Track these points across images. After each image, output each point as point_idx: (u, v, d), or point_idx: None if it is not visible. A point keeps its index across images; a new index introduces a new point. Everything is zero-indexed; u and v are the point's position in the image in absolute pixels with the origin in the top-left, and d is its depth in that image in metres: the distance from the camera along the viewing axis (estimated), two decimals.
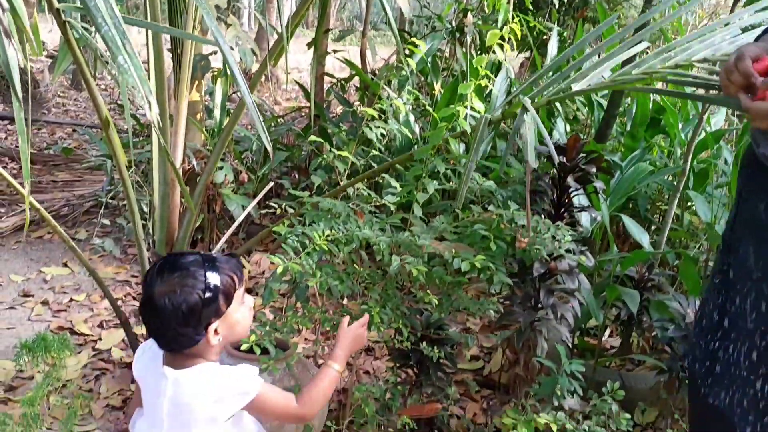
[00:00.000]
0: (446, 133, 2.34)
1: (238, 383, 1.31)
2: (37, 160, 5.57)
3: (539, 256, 2.13)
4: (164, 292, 1.27)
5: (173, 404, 1.32)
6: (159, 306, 1.27)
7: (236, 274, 1.34)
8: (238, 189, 4.00)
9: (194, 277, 1.27)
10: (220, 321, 1.31)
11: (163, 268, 1.30)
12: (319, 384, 1.37)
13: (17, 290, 3.64)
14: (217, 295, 1.29)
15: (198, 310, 1.27)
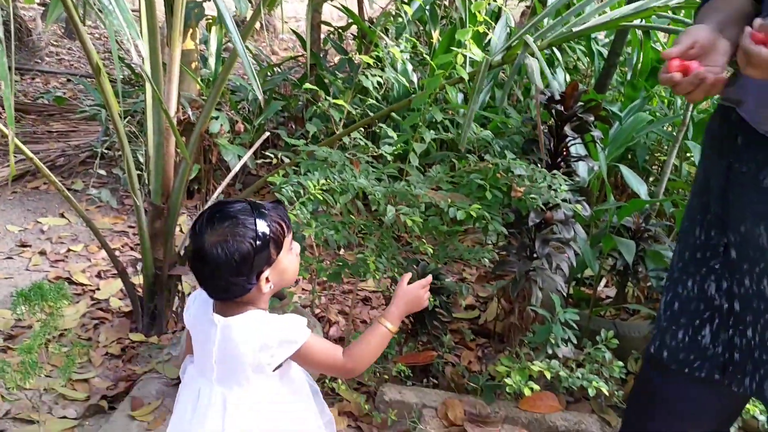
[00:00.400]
0: (443, 81, 2.30)
1: (285, 331, 1.31)
2: (31, 109, 5.52)
3: (535, 205, 2.12)
4: (215, 241, 1.26)
5: (222, 351, 1.33)
6: (211, 256, 1.26)
7: (284, 220, 1.33)
8: (234, 139, 3.97)
9: (245, 225, 1.26)
10: (271, 269, 1.31)
11: (212, 217, 1.29)
12: (369, 339, 1.35)
13: (14, 240, 3.64)
14: (268, 242, 1.28)
15: (250, 258, 1.26)
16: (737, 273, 1.22)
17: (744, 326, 1.22)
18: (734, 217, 1.22)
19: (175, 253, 2.74)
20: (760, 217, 1.15)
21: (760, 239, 1.16)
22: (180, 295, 2.85)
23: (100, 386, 2.45)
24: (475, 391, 2.29)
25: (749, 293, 1.20)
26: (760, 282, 1.18)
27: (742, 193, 1.19)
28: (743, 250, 1.21)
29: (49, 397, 2.35)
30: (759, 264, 1.18)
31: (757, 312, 1.19)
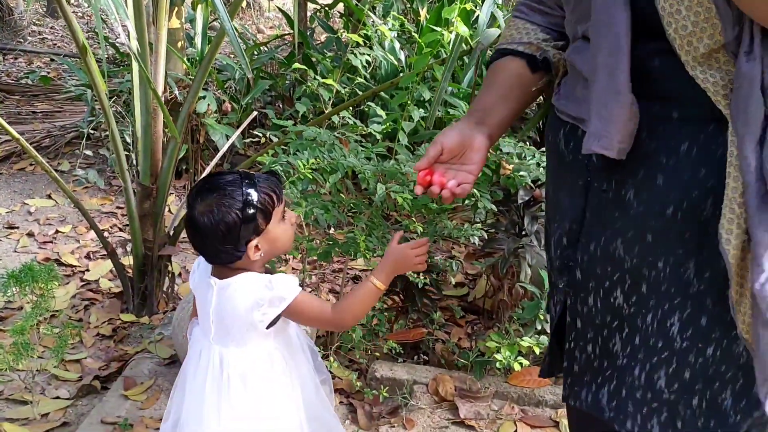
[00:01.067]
0: (431, 60, 2.30)
1: (276, 289, 1.34)
2: (14, 90, 5.46)
3: (524, 183, 2.14)
4: (203, 211, 1.32)
5: (216, 312, 1.39)
6: (199, 225, 1.32)
7: (274, 191, 1.36)
8: (221, 119, 3.95)
9: (231, 196, 1.31)
10: (260, 237, 1.35)
11: (202, 188, 1.35)
12: (356, 293, 1.38)
13: (1, 222, 3.62)
14: (255, 213, 1.32)
15: (236, 228, 1.31)
16: (582, 292, 1.18)
17: (584, 341, 1.18)
18: (586, 235, 1.16)
19: (164, 233, 2.74)
20: (617, 233, 1.10)
21: (616, 252, 1.11)
22: (170, 276, 2.85)
23: (93, 366, 2.46)
24: (465, 367, 2.32)
25: (592, 311, 1.16)
26: (611, 294, 1.13)
27: (602, 212, 1.13)
28: (590, 269, 1.15)
29: (42, 377, 2.36)
30: (611, 276, 1.12)
31: (600, 327, 1.16)
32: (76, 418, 2.19)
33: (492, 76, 1.31)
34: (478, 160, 1.22)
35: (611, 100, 1.05)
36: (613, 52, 1.03)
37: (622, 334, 1.14)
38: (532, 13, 1.29)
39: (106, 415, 2.12)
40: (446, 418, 2.17)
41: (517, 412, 2.19)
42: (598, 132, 1.08)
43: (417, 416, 2.17)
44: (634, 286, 1.10)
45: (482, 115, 1.26)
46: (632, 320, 1.12)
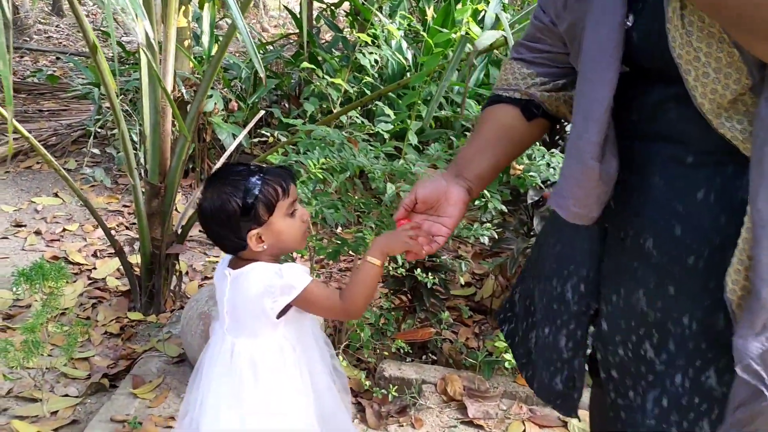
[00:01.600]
0: (441, 60, 2.30)
1: (287, 278, 1.36)
2: (21, 88, 5.47)
3: (534, 183, 2.14)
4: (208, 197, 1.37)
5: (231, 301, 1.42)
6: (203, 211, 1.38)
7: (281, 185, 1.37)
8: (228, 117, 3.96)
9: (234, 185, 1.35)
10: (263, 229, 1.37)
11: (213, 176, 1.40)
12: (357, 278, 1.38)
13: (9, 220, 3.63)
14: (254, 203, 1.34)
15: (236, 216, 1.35)
16: (610, 345, 1.12)
17: (624, 389, 1.13)
18: (607, 285, 1.12)
19: (172, 231, 2.75)
20: (639, 283, 1.06)
21: (638, 304, 1.06)
22: (177, 274, 2.86)
23: (101, 365, 2.46)
24: (473, 367, 2.32)
25: (625, 360, 1.11)
26: (640, 346, 1.08)
27: (620, 260, 1.09)
28: (615, 322, 1.11)
29: (51, 375, 2.36)
30: (637, 330, 1.07)
31: (637, 376, 1.10)
32: (86, 416, 2.19)
33: (479, 125, 1.29)
34: (453, 213, 1.20)
35: (574, 163, 1.02)
36: (588, 117, 1.00)
37: (656, 391, 1.08)
38: (532, 53, 1.24)
39: (115, 413, 2.13)
40: (455, 417, 2.17)
41: (525, 411, 2.19)
42: (559, 189, 1.06)
43: (425, 416, 2.17)
44: (663, 343, 1.05)
45: (461, 168, 1.24)
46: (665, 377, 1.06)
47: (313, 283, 1.38)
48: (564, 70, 1.22)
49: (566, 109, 1.25)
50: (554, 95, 1.23)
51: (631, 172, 1.04)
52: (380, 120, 3.15)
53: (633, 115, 1.04)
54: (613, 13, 0.98)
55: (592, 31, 1.00)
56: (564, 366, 1.25)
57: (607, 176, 1.01)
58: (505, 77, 1.27)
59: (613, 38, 0.98)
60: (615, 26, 0.98)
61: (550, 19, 1.17)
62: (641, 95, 1.03)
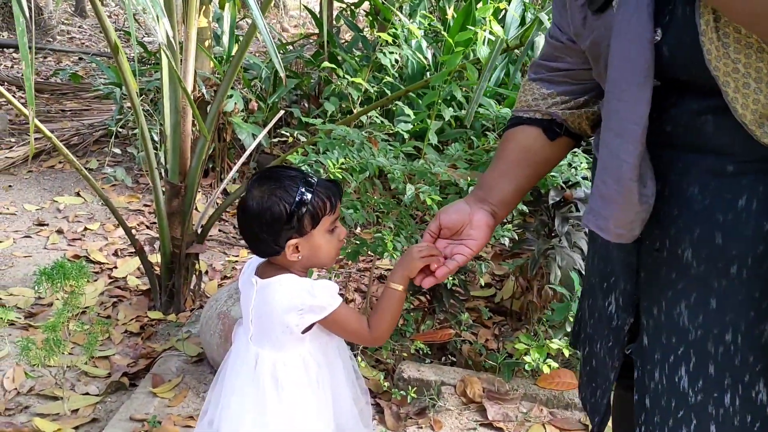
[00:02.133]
0: (462, 60, 2.29)
1: (318, 297, 1.33)
2: (44, 89, 5.52)
3: (555, 183, 2.12)
4: (256, 196, 1.33)
5: (256, 311, 1.39)
6: (248, 208, 1.34)
7: (330, 199, 1.34)
8: (248, 117, 3.96)
9: (286, 189, 1.32)
10: (303, 240, 1.34)
11: (263, 175, 1.37)
12: (383, 305, 1.36)
13: (31, 219, 3.67)
14: (303, 213, 1.32)
15: (281, 221, 1.31)
16: (648, 363, 1.09)
17: (653, 426, 1.09)
18: (647, 297, 1.09)
19: (192, 231, 2.75)
20: (681, 294, 1.03)
21: (680, 318, 1.03)
22: (197, 274, 2.87)
23: (121, 363, 2.47)
24: (493, 368, 2.30)
25: (658, 389, 1.07)
26: (675, 372, 1.04)
27: (657, 272, 1.06)
28: (656, 337, 1.08)
29: (72, 374, 2.38)
30: (676, 350, 1.04)
31: (666, 412, 1.06)
32: (105, 414, 2.20)
33: (500, 149, 1.28)
34: (478, 237, 1.20)
35: (612, 183, 0.99)
36: (623, 136, 0.97)
37: (689, 428, 1.04)
38: (550, 72, 1.22)
39: (134, 412, 2.13)
40: (474, 419, 2.15)
41: (546, 414, 2.17)
42: (597, 210, 1.04)
43: (444, 417, 2.15)
44: (700, 368, 1.02)
45: (485, 193, 1.24)
46: (700, 411, 1.02)
47: (343, 306, 1.36)
48: (585, 87, 1.20)
49: (588, 126, 1.24)
50: (576, 112, 1.21)
51: (665, 183, 1.02)
52: (400, 120, 3.14)
53: (667, 126, 1.01)
54: (640, 30, 0.95)
55: (619, 49, 0.97)
56: (603, 383, 1.23)
57: (646, 198, 0.99)
58: (524, 99, 1.25)
59: (644, 56, 0.95)
60: (644, 43, 0.94)
61: (567, 37, 1.15)
62: (674, 106, 1.00)
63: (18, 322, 2.69)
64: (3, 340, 2.56)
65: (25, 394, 2.27)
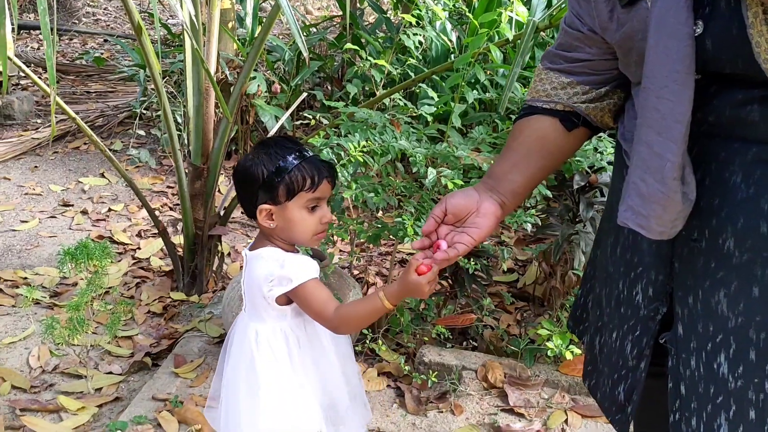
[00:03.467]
0: (486, 42, 2.25)
1: (288, 269, 1.34)
2: (69, 70, 5.56)
3: (580, 168, 2.08)
4: (247, 158, 1.39)
5: (246, 283, 1.43)
6: (237, 166, 1.41)
7: (313, 177, 1.35)
8: (270, 100, 3.96)
9: (271, 156, 1.35)
10: (277, 209, 1.36)
11: (264, 141, 1.43)
12: (361, 306, 1.35)
13: (57, 200, 3.71)
14: (278, 182, 1.33)
15: (255, 184, 1.35)
16: (684, 351, 1.07)
17: (689, 413, 1.07)
18: (681, 287, 1.07)
19: (215, 213, 2.76)
20: (720, 283, 1.01)
21: (718, 306, 1.01)
22: (219, 255, 2.88)
23: (144, 343, 2.50)
24: (514, 354, 2.29)
25: (695, 376, 1.05)
26: (714, 359, 1.02)
27: (695, 262, 1.04)
28: (692, 325, 1.06)
29: (96, 353, 2.41)
30: (714, 337, 1.02)
31: (704, 398, 1.04)
32: (128, 393, 2.23)
33: (511, 139, 1.24)
34: (482, 226, 1.17)
35: (653, 182, 0.97)
36: (664, 135, 0.94)
37: (728, 413, 1.02)
38: (569, 63, 1.18)
39: (157, 392, 2.15)
40: (495, 405, 2.15)
41: (567, 401, 2.15)
42: (636, 208, 1.00)
43: (465, 402, 2.15)
44: (740, 354, 1.00)
45: (495, 182, 1.21)
46: (740, 397, 1.01)
47: (313, 282, 1.35)
48: (605, 77, 1.16)
49: (610, 118, 1.21)
50: (598, 105, 1.18)
51: (705, 173, 1.00)
52: (423, 102, 3.11)
53: (709, 117, 0.98)
54: (679, 23, 0.91)
55: (657, 44, 0.94)
56: (628, 375, 1.20)
57: (687, 195, 0.96)
58: (541, 87, 1.21)
59: (685, 51, 0.91)
60: (685, 37, 0.91)
61: (588, 27, 1.11)
62: (716, 96, 0.97)
63: (43, 302, 2.72)
64: (29, 318, 2.60)
65: (50, 372, 2.30)
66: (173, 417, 2.04)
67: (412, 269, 1.25)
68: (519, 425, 2.06)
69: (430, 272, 1.22)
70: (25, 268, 2.97)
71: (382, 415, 2.11)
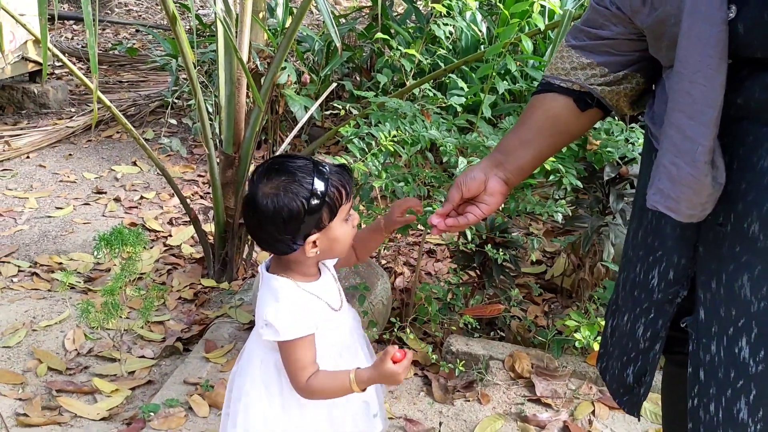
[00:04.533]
0: (517, 32, 2.25)
1: (278, 320, 1.25)
2: (102, 60, 5.64)
3: (611, 159, 2.07)
4: (268, 193, 1.21)
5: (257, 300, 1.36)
6: (260, 207, 1.21)
7: (345, 187, 1.26)
8: (300, 90, 3.98)
9: (301, 183, 1.20)
10: (321, 234, 1.25)
11: (271, 168, 1.24)
12: (331, 383, 1.28)
13: (90, 187, 3.77)
14: (321, 206, 1.22)
15: (299, 218, 1.21)
16: (704, 336, 1.07)
17: (708, 399, 1.06)
18: (704, 272, 1.07)
19: None
20: (743, 268, 1.00)
21: (741, 291, 1.01)
22: (249, 243, 2.91)
23: (175, 329, 2.54)
24: (542, 345, 2.29)
25: (715, 361, 1.05)
26: (735, 343, 1.01)
27: (719, 246, 1.03)
28: (713, 309, 1.05)
29: (129, 337, 2.45)
30: (737, 321, 1.01)
31: (724, 383, 1.04)
32: (160, 377, 2.27)
33: (525, 113, 1.27)
34: (491, 203, 1.24)
35: (684, 165, 0.97)
36: (695, 119, 0.94)
37: (749, 398, 1.01)
38: (593, 40, 1.18)
39: (188, 376, 2.19)
40: (522, 395, 2.15)
41: (595, 392, 2.15)
42: (666, 191, 1.01)
43: (492, 392, 2.16)
44: (762, 338, 0.99)
45: (503, 157, 1.25)
46: (761, 382, 1.00)
47: (298, 343, 1.25)
48: (626, 59, 1.17)
49: (626, 104, 1.21)
50: (615, 89, 1.19)
51: (733, 157, 0.99)
52: (452, 93, 3.11)
53: (738, 99, 0.98)
54: (713, 8, 0.91)
55: (691, 28, 0.94)
56: (638, 357, 1.21)
57: (717, 179, 0.97)
58: (561, 65, 1.22)
59: (719, 36, 0.91)
60: (718, 22, 0.91)
61: (616, 6, 1.12)
62: (747, 79, 0.97)
63: (78, 286, 2.78)
64: (64, 302, 2.66)
65: (84, 355, 2.36)
66: (204, 400, 2.08)
67: (388, 358, 1.23)
68: (546, 415, 2.06)
69: (405, 359, 1.22)
70: (60, 254, 3.04)
71: (409, 403, 2.12)
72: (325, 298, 1.34)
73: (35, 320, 2.52)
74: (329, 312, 1.34)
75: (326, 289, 1.35)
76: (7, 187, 3.69)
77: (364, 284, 2.27)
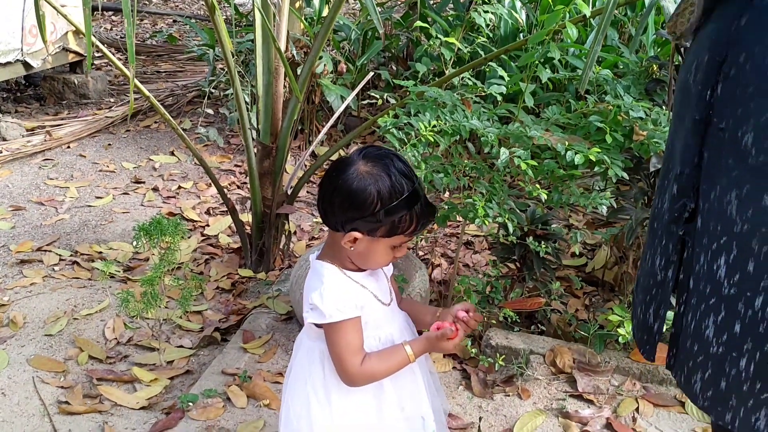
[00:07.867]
0: (561, 19, 2.19)
1: (324, 302, 1.26)
2: (140, 50, 5.69)
3: (658, 150, 2.01)
4: (361, 171, 1.22)
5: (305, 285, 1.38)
6: (346, 176, 1.22)
7: (419, 223, 1.25)
8: (336, 79, 3.96)
9: (392, 189, 1.21)
10: (366, 238, 1.25)
11: (385, 156, 1.25)
12: (388, 358, 1.30)
13: (129, 177, 3.80)
14: (387, 220, 1.22)
15: (362, 211, 1.22)
16: (697, 246, 1.04)
17: (687, 307, 1.05)
18: (707, 180, 1.03)
19: (282, 191, 2.79)
20: (733, 183, 0.97)
21: (729, 207, 0.97)
22: (286, 234, 2.91)
23: (213, 319, 2.55)
24: (583, 339, 2.24)
25: (700, 273, 1.03)
26: (714, 261, 0.99)
27: (718, 156, 1.00)
28: (707, 221, 1.02)
29: (167, 326, 2.47)
30: (720, 239, 0.99)
31: (701, 297, 1.02)
32: (199, 367, 2.28)
33: None
34: None
35: None
36: None
37: (717, 318, 1.00)
38: None
39: (226, 366, 2.19)
40: (563, 390, 2.11)
41: (639, 389, 2.10)
42: None
43: (533, 386, 2.12)
44: (739, 262, 0.96)
45: None
46: (731, 305, 0.98)
47: (343, 327, 1.26)
48: None
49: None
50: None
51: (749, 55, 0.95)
52: (492, 82, 3.05)
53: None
54: None
55: None
56: (658, 291, 1.16)
57: None
58: None
59: None
60: None
61: None
62: None
63: (117, 275, 2.80)
64: (104, 291, 2.68)
65: (124, 344, 2.37)
66: (242, 391, 2.08)
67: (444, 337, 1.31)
68: (588, 411, 2.02)
69: (457, 337, 1.31)
70: (99, 243, 3.07)
71: (448, 397, 2.10)
72: (371, 289, 1.35)
73: (76, 309, 2.55)
74: (376, 303, 1.35)
75: (373, 282, 1.36)
76: (48, 177, 3.74)
77: (402, 276, 2.24)
